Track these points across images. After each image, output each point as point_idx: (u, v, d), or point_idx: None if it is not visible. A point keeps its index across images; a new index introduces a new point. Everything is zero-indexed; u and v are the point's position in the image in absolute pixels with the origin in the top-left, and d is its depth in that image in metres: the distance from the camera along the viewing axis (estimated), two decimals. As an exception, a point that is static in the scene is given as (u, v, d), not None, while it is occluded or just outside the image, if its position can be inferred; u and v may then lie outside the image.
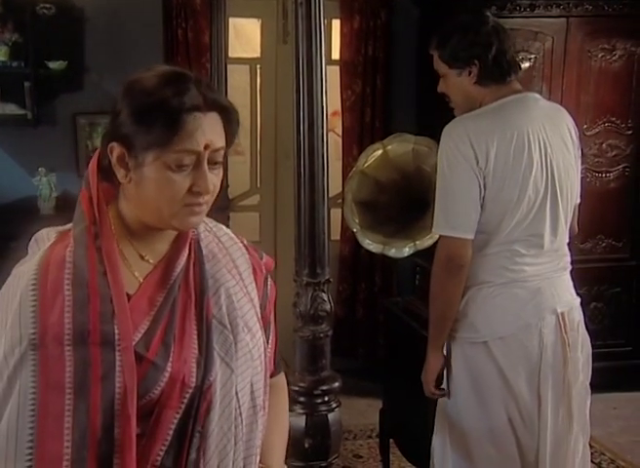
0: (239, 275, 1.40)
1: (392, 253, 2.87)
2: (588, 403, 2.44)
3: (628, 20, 4.22)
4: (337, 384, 2.01)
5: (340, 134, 4.67)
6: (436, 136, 2.91)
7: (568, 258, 2.42)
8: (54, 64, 4.08)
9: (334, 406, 1.99)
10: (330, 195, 1.99)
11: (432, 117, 4.41)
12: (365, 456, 3.71)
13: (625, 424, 4.04)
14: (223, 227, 1.47)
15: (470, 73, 2.33)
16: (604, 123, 4.24)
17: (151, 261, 1.32)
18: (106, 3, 4.14)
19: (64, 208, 4.20)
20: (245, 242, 1.48)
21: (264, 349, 1.40)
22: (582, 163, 2.46)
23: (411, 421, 3.05)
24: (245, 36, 4.65)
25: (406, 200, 2.95)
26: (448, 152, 2.29)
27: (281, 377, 1.57)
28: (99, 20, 4.21)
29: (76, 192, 4.29)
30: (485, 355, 2.33)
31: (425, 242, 2.82)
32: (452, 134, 2.30)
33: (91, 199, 1.29)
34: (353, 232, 2.96)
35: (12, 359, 1.18)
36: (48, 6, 4.02)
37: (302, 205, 1.92)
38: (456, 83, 2.38)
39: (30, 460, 1.15)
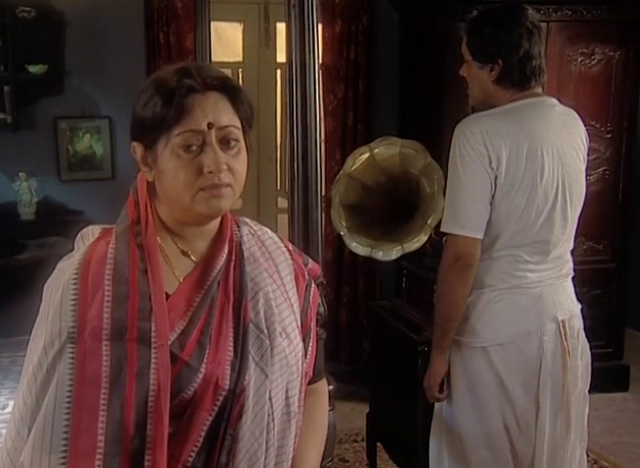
0: (280, 280, 1.40)
1: (380, 255, 2.87)
2: (587, 411, 2.42)
3: (606, 26, 4.26)
4: (330, 387, 2.00)
5: (323, 138, 4.67)
6: (419, 140, 2.94)
7: (570, 265, 2.40)
8: (34, 68, 4.05)
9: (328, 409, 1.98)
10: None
11: (414, 121, 4.47)
12: (351, 460, 3.70)
13: (607, 425, 4.07)
14: (268, 231, 1.47)
15: (492, 70, 2.28)
16: (584, 126, 4.26)
17: (193, 258, 1.34)
18: (87, 6, 4.11)
19: (45, 213, 4.18)
20: (290, 247, 1.48)
21: (302, 355, 1.39)
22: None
23: (399, 425, 3.05)
24: (227, 40, 4.64)
25: (393, 203, 2.95)
26: (461, 149, 2.23)
27: (322, 384, 1.55)
28: (79, 24, 4.18)
29: (57, 197, 4.25)
30: (483, 360, 2.32)
31: (413, 245, 2.82)
32: (465, 131, 2.24)
33: (136, 203, 1.32)
34: (336, 236, 2.96)
35: (51, 351, 1.21)
36: (28, 9, 3.99)
37: (296, 208, 1.92)
38: (476, 74, 2.33)
39: (65, 451, 1.17)
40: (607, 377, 4.46)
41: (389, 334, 3.08)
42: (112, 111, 4.30)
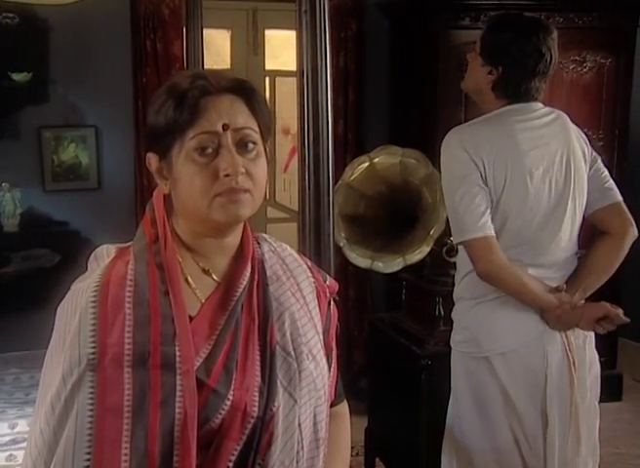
0: (303, 299, 1.33)
1: (381, 267, 2.82)
2: (597, 424, 2.38)
3: (597, 33, 4.25)
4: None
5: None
6: (410, 148, 2.88)
7: None
8: (17, 76, 3.92)
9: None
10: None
11: (406, 129, 4.41)
12: (347, 476, 3.63)
13: (604, 436, 3.95)
14: (288, 247, 1.40)
15: (490, 73, 2.28)
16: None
17: (214, 277, 1.26)
18: (72, 13, 3.97)
19: (30, 224, 4.06)
20: (309, 263, 1.42)
21: (327, 378, 1.32)
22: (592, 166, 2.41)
23: (401, 440, 2.98)
24: (215, 47, 4.56)
25: (393, 213, 2.91)
26: (448, 162, 2.25)
27: (343, 406, 1.48)
28: (64, 31, 4.06)
29: (41, 208, 4.14)
30: (487, 371, 2.27)
31: (415, 256, 2.78)
32: (449, 142, 2.26)
33: (152, 220, 1.25)
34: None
35: (70, 380, 1.12)
36: (11, 16, 3.87)
37: (307, 221, 1.83)
38: (475, 68, 2.33)
39: None
40: (601, 387, 4.43)
41: (390, 348, 3.02)
42: (98, 120, 4.19)
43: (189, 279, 1.24)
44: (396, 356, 2.97)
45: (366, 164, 2.88)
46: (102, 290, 1.17)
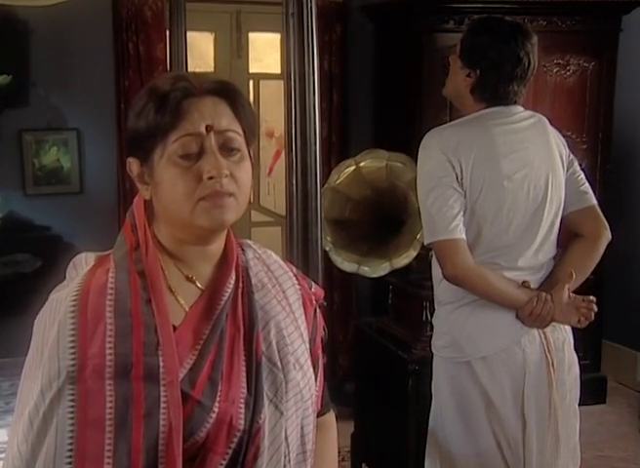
0: (289, 307, 1.29)
1: (367, 272, 2.81)
2: (577, 426, 2.37)
3: (580, 36, 4.26)
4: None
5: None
6: (394, 151, 2.87)
7: None
8: (-3, 78, 3.88)
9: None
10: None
11: (390, 132, 4.40)
12: (333, 481, 3.60)
13: (588, 439, 3.99)
14: (273, 254, 1.36)
15: (468, 75, 2.29)
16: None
17: (198, 285, 1.22)
18: (53, 15, 3.92)
19: (10, 229, 3.99)
20: (294, 270, 1.38)
21: (315, 388, 1.30)
22: (569, 169, 2.40)
23: (388, 445, 2.96)
24: (198, 50, 4.52)
25: (380, 217, 2.89)
26: (425, 163, 2.25)
27: (330, 416, 1.45)
28: (45, 33, 4.00)
29: (22, 212, 4.07)
30: (468, 375, 2.27)
31: (401, 261, 2.76)
32: (425, 144, 2.27)
33: (133, 227, 1.21)
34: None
35: (49, 393, 1.08)
36: (-10, 18, 3.83)
37: (295, 226, 1.82)
38: (455, 71, 2.34)
39: None
40: (585, 390, 4.40)
41: (376, 353, 3.00)
42: (80, 123, 4.13)
43: (172, 287, 1.20)
44: (383, 361, 2.95)
45: (352, 168, 2.87)
46: (82, 299, 1.13)
